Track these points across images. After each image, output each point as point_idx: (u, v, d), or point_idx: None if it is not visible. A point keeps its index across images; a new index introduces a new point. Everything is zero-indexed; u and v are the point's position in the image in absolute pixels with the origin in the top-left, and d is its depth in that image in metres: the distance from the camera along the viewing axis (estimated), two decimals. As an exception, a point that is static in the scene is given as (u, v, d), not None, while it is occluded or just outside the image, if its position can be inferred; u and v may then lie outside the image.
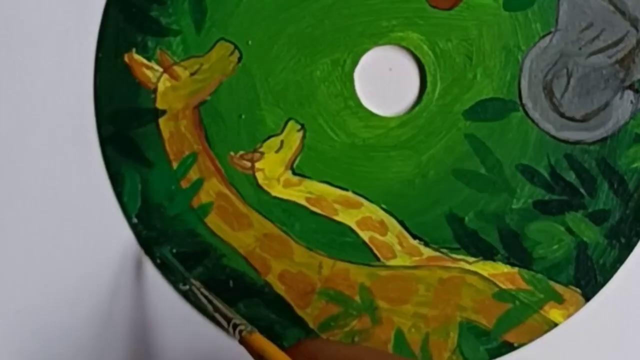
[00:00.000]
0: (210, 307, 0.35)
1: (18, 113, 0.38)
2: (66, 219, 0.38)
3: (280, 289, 0.38)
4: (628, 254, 0.39)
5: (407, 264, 0.39)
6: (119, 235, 0.38)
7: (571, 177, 0.38)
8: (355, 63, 0.38)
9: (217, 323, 0.35)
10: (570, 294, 0.39)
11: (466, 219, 0.38)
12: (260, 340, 0.31)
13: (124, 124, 0.38)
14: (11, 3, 0.37)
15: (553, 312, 0.38)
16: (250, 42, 0.38)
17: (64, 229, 0.38)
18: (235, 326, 0.32)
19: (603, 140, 0.38)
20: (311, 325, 0.38)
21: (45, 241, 0.38)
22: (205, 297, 0.35)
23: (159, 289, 0.38)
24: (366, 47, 0.38)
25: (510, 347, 0.38)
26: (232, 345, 0.36)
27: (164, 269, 0.39)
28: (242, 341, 0.32)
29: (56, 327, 0.39)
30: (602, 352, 0.39)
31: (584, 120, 0.38)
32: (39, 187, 0.38)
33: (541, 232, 0.39)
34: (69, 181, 0.38)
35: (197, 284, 0.36)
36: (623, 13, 0.38)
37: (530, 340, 0.38)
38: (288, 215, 0.38)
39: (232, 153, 0.38)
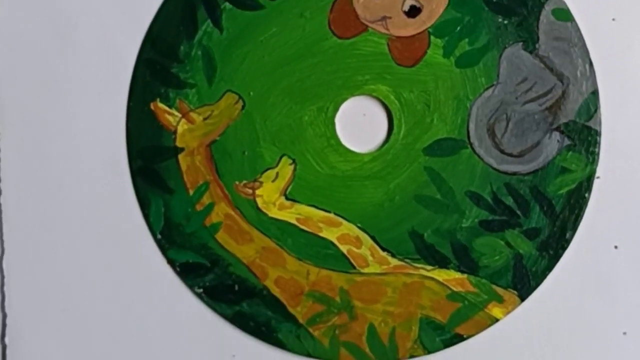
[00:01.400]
0: None
1: (67, 151, 0.40)
2: (103, 235, 0.40)
3: (275, 291, 0.40)
4: (555, 263, 0.40)
5: (378, 271, 0.40)
6: (146, 248, 0.40)
7: (509, 201, 0.39)
8: (336, 110, 0.40)
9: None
10: (509, 295, 0.39)
11: (425, 235, 0.39)
12: None
13: (150, 159, 0.40)
14: (61, 63, 0.40)
15: (495, 310, 0.39)
16: (251, 93, 0.40)
17: (101, 243, 0.40)
18: None
19: (535, 171, 0.39)
20: (301, 320, 0.40)
21: (85, 252, 0.40)
22: None
23: (178, 290, 0.40)
24: (345, 97, 0.40)
25: (460, 338, 0.39)
26: (240, 337, 0.40)
27: (183, 276, 0.40)
28: None
29: (93, 324, 0.40)
30: (534, 342, 0.40)
31: (519, 155, 0.39)
32: (82, 209, 0.40)
33: (485, 246, 0.39)
34: (107, 205, 0.40)
35: None
36: (551, 70, 0.39)
37: (477, 332, 0.39)
38: (282, 232, 0.40)
39: (237, 182, 0.40)
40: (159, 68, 0.40)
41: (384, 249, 0.40)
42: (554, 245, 0.40)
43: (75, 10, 0.40)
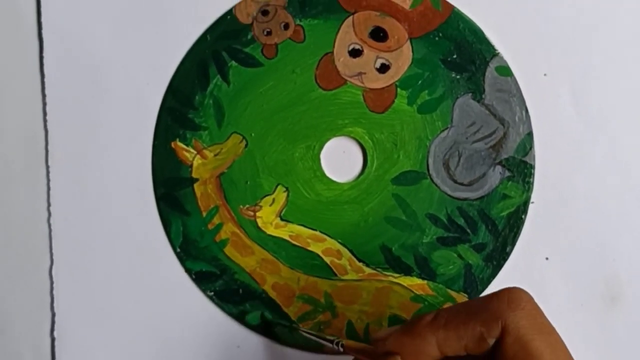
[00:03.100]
0: (317, 338, 0.36)
1: (103, 180, 0.43)
2: (133, 249, 0.43)
3: (272, 294, 0.42)
4: (498, 271, 0.42)
5: (355, 278, 0.42)
6: (168, 259, 0.43)
7: (461, 221, 0.42)
8: (321, 148, 0.42)
9: (326, 345, 0.36)
10: (461, 297, 0.42)
11: (393, 249, 0.42)
12: (351, 344, 0.34)
13: (171, 187, 0.42)
14: (98, 111, 0.42)
15: (449, 310, 0.42)
16: (253, 134, 0.42)
17: (131, 256, 0.43)
18: (337, 343, 0.35)
19: (482, 197, 0.42)
20: (293, 318, 0.42)
21: (119, 263, 0.43)
22: (312, 334, 0.36)
23: (193, 294, 0.42)
24: (328, 137, 0.42)
25: (421, 333, 0.42)
26: (247, 336, 0.42)
27: (198, 282, 0.42)
28: (345, 349, 0.34)
29: (125, 321, 0.42)
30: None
31: (469, 185, 0.42)
32: (116, 227, 0.43)
33: (442, 257, 0.42)
34: (136, 224, 0.43)
35: (305, 330, 0.37)
36: (494, 115, 0.42)
37: (435, 328, 0.42)
38: (278, 247, 0.42)
39: (241, 206, 0.42)
40: (178, 114, 0.42)
41: (359, 260, 0.42)
42: (497, 257, 0.42)
43: (110, 69, 0.42)
